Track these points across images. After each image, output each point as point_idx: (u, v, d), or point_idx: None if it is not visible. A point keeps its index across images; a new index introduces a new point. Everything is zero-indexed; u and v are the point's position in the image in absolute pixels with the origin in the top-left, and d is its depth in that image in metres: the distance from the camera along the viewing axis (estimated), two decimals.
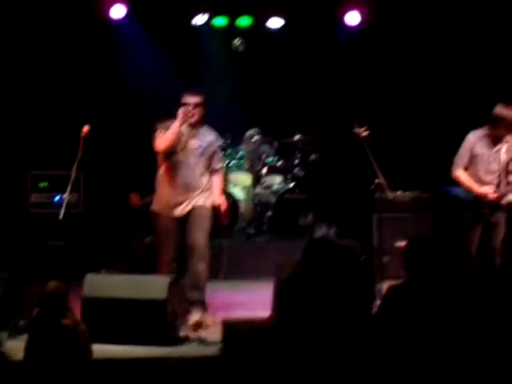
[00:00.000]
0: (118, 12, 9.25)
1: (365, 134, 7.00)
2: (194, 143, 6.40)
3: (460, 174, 6.85)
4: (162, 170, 6.43)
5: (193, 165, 6.39)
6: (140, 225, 7.49)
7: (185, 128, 6.38)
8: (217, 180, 6.58)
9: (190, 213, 6.33)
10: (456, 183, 6.93)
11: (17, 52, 8.99)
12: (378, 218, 7.86)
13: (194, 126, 6.45)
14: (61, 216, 6.91)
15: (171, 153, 6.33)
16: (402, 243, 6.31)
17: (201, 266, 6.39)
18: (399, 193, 8.25)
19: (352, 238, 8.53)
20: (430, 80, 9.35)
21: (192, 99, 6.42)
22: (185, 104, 6.37)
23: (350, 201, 9.08)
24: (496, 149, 6.79)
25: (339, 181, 9.51)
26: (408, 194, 8.40)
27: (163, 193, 6.41)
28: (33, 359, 4.57)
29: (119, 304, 5.79)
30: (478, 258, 6.83)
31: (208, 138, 6.52)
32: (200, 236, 6.34)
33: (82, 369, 4.53)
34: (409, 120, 9.27)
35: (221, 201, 6.62)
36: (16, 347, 5.09)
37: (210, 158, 6.51)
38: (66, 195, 6.98)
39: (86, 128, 7.07)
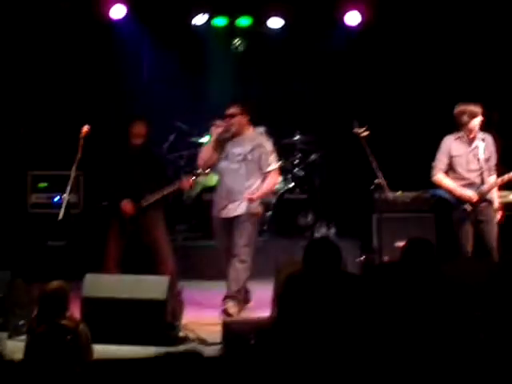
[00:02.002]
0: (118, 12, 9.24)
1: (365, 134, 7.01)
2: (236, 150, 6.75)
3: (441, 178, 6.99)
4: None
5: (235, 170, 6.76)
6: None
7: (228, 137, 6.78)
8: (265, 182, 6.84)
9: (235, 217, 6.75)
10: (437, 187, 7.03)
11: (17, 52, 8.99)
12: (377, 218, 7.87)
13: (236, 135, 6.79)
14: (60, 216, 6.91)
15: (218, 160, 6.82)
16: (401, 243, 6.32)
17: (239, 266, 6.78)
18: (399, 193, 8.25)
19: (352, 237, 8.53)
20: (430, 80, 9.35)
21: (228, 110, 6.79)
22: (227, 115, 6.77)
23: (350, 201, 9.08)
24: (472, 147, 6.92)
25: (339, 181, 9.50)
26: (408, 194, 8.40)
27: (215, 197, 6.95)
28: (32, 360, 4.57)
29: (119, 304, 5.79)
30: (474, 257, 6.87)
31: (251, 143, 6.78)
32: (240, 241, 6.75)
33: (81, 369, 4.52)
34: (409, 120, 9.27)
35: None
36: (16, 347, 5.09)
37: (257, 163, 6.77)
38: (65, 195, 6.98)
39: (85, 128, 7.07)
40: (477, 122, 6.90)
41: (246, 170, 6.75)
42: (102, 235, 8.64)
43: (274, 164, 6.84)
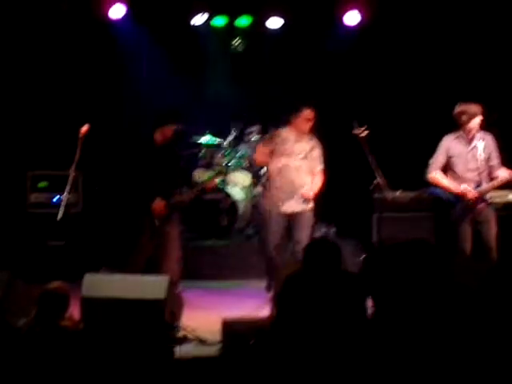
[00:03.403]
0: (117, 12, 9.24)
1: (364, 134, 7.02)
2: (298, 149, 7.12)
3: (437, 176, 7.04)
4: (272, 172, 7.18)
5: (297, 167, 7.14)
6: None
7: (292, 135, 7.13)
8: (315, 180, 7.26)
9: (296, 213, 7.09)
10: (433, 185, 7.05)
11: (16, 52, 8.99)
12: (377, 217, 7.86)
13: (301, 134, 7.19)
14: (60, 216, 6.91)
15: (279, 157, 7.13)
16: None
17: None
18: (399, 193, 8.25)
19: (352, 237, 8.53)
20: (430, 80, 9.35)
21: (314, 115, 7.18)
22: (308, 119, 7.15)
23: (350, 201, 9.08)
24: (471, 147, 6.95)
25: (339, 181, 9.49)
26: (407, 193, 8.40)
27: (274, 192, 7.12)
28: (32, 360, 4.56)
29: (118, 304, 5.77)
30: (473, 257, 6.87)
31: (310, 143, 7.21)
32: (303, 235, 7.05)
33: (81, 369, 4.51)
34: (408, 120, 9.27)
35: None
36: None
37: (313, 161, 7.20)
38: (64, 195, 6.97)
39: (84, 128, 7.07)
40: (476, 121, 6.91)
41: (306, 168, 7.16)
42: (101, 235, 8.69)
43: (321, 164, 7.26)
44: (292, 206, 7.11)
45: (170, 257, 6.90)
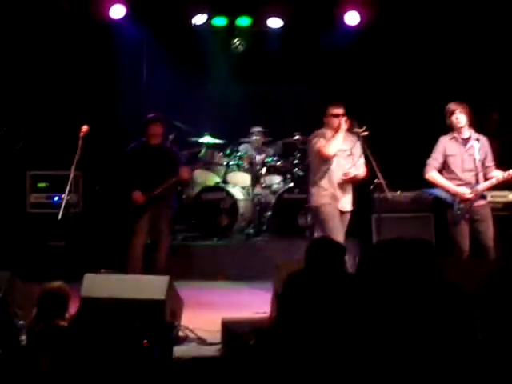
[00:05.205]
0: (117, 12, 9.24)
1: (364, 134, 7.02)
2: (343, 147, 7.08)
3: (435, 175, 7.06)
4: (320, 171, 7.12)
5: (344, 165, 7.13)
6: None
7: (331, 134, 7.05)
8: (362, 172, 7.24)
9: (345, 212, 7.18)
10: (430, 184, 7.08)
11: (17, 52, 8.99)
12: (377, 217, 7.87)
13: (337, 131, 7.08)
14: (60, 216, 6.91)
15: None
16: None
17: None
18: (398, 193, 8.25)
19: (352, 237, 8.52)
20: (430, 79, 9.35)
21: (341, 110, 7.10)
22: (336, 115, 7.07)
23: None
24: (467, 147, 6.98)
25: None
26: (407, 193, 8.41)
27: (326, 189, 7.13)
28: (31, 360, 4.56)
29: (118, 304, 5.77)
30: (471, 256, 6.88)
31: (352, 140, 7.14)
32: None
33: (81, 369, 4.51)
34: (408, 120, 9.27)
35: None
36: None
37: (356, 157, 7.15)
38: (64, 195, 6.98)
39: (84, 128, 7.07)
40: (455, 118, 6.94)
41: (351, 165, 7.14)
42: (101, 235, 8.69)
43: (363, 158, 7.21)
44: (345, 205, 7.20)
45: (162, 250, 7.60)
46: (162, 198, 7.58)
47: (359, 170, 7.12)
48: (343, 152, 7.11)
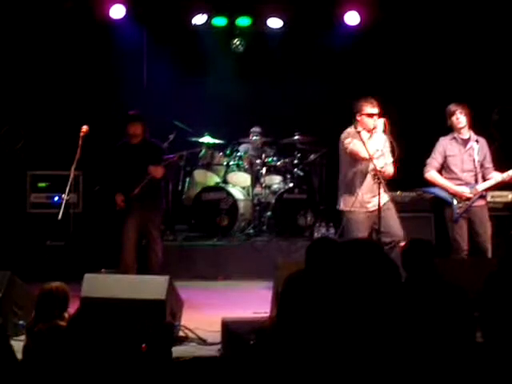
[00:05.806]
0: (117, 12, 9.24)
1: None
2: (372, 147, 6.86)
3: (434, 175, 7.10)
4: (350, 172, 6.91)
5: (377, 165, 6.86)
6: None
7: (365, 134, 6.88)
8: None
9: (381, 208, 6.80)
10: (430, 183, 7.10)
11: (16, 52, 8.99)
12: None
13: (373, 133, 6.95)
14: (60, 216, 6.91)
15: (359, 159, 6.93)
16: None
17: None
18: (398, 193, 8.26)
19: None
20: (430, 79, 9.35)
21: (377, 110, 6.93)
22: (370, 115, 6.87)
23: None
24: (467, 148, 7.02)
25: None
26: (407, 193, 8.41)
27: (355, 193, 6.88)
28: (31, 360, 4.56)
29: (118, 304, 5.77)
30: (470, 256, 6.90)
31: (382, 139, 6.92)
32: (395, 224, 6.83)
33: (81, 369, 4.51)
34: (408, 120, 9.26)
35: None
36: (16, 347, 5.07)
37: (385, 156, 6.95)
38: (64, 195, 6.97)
39: (84, 128, 7.07)
40: (456, 119, 6.98)
41: (385, 165, 6.95)
42: (101, 235, 8.69)
43: (392, 157, 7.07)
44: (375, 204, 6.83)
45: (154, 251, 7.52)
46: (147, 199, 7.41)
47: (390, 169, 6.91)
48: (376, 152, 6.91)
